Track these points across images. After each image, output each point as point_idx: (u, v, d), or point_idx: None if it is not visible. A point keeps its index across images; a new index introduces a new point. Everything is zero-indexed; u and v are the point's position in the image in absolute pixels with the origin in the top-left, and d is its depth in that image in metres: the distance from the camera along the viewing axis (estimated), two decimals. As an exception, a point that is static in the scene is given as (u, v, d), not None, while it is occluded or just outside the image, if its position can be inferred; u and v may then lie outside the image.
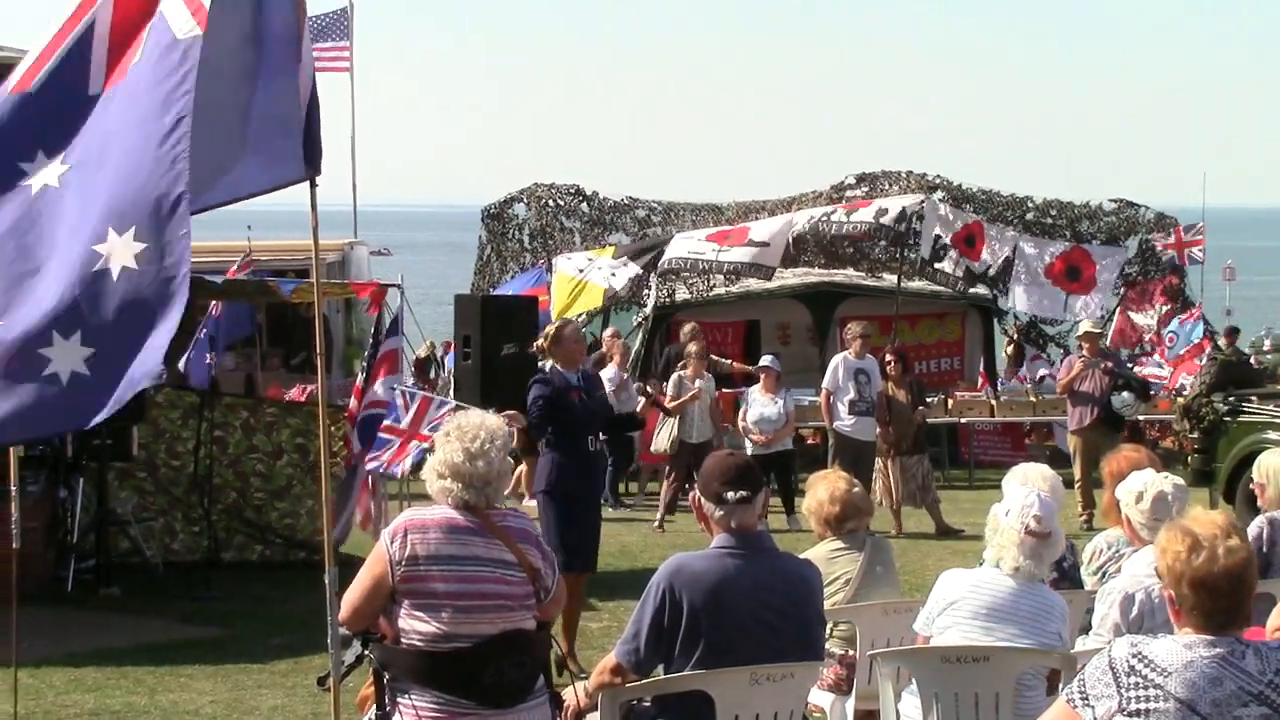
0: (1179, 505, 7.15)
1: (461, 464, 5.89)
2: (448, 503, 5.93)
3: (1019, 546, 6.67)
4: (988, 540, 6.85)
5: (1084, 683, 4.55)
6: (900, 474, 16.97)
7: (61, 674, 10.61)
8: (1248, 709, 4.46)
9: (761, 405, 16.71)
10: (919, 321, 24.03)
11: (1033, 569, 6.69)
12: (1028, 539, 6.68)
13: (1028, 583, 6.70)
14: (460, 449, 5.90)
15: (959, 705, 6.49)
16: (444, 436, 6.00)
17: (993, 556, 6.76)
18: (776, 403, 16.74)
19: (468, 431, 5.95)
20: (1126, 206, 25.85)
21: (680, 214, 26.46)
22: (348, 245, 24.89)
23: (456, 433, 5.97)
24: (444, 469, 5.93)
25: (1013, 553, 6.67)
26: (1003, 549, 6.71)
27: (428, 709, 5.79)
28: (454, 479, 5.90)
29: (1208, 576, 4.52)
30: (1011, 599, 6.66)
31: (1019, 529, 6.69)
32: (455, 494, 5.90)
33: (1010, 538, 6.69)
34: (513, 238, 26.83)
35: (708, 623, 5.89)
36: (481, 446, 5.91)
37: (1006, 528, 6.72)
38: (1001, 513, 6.80)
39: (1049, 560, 6.85)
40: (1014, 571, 6.67)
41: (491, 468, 5.91)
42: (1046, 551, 6.75)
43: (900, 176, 25.31)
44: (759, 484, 6.17)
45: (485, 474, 5.90)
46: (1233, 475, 16.21)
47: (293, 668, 10.79)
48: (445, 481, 5.92)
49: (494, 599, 5.84)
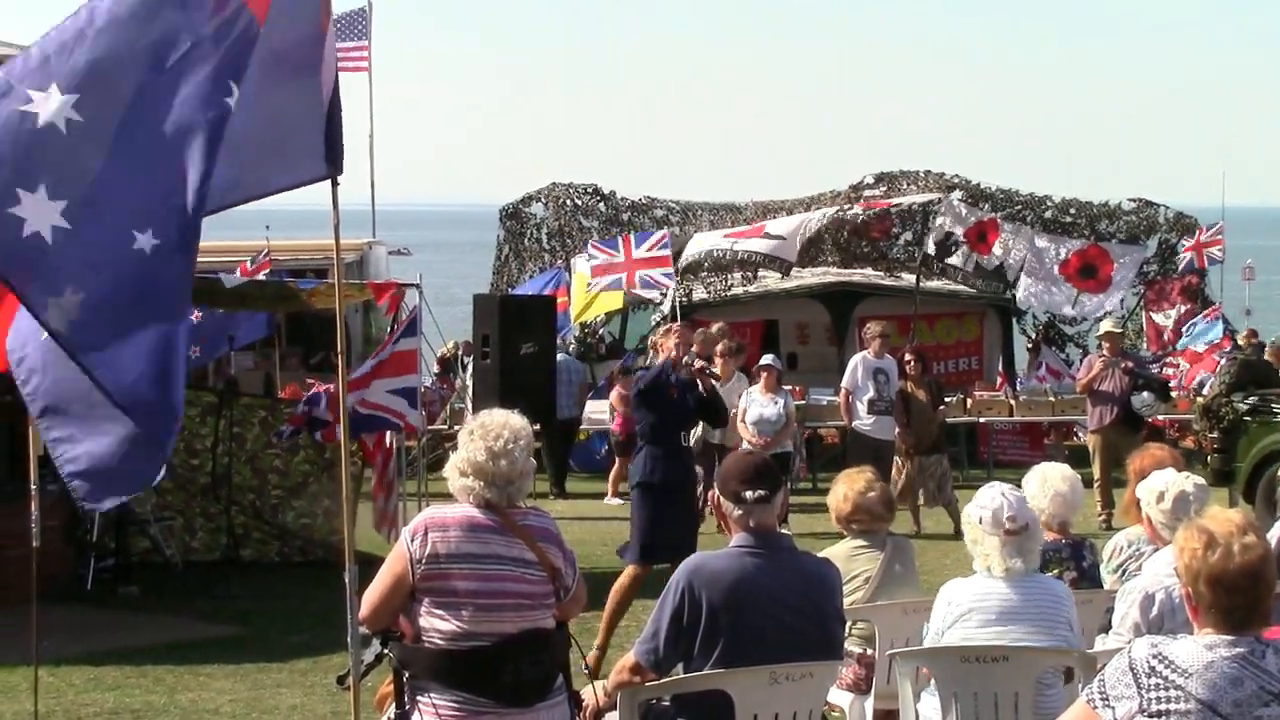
0: (1200, 505, 7.13)
1: (485, 462, 5.89)
2: (469, 501, 5.93)
3: (1001, 549, 6.71)
4: (971, 549, 6.87)
5: (1104, 683, 4.53)
6: (918, 473, 16.96)
7: (81, 672, 10.64)
8: (1269, 709, 4.44)
9: (761, 406, 16.30)
10: (937, 321, 24.01)
11: (1023, 565, 6.73)
12: (1008, 539, 6.71)
13: (1025, 578, 6.73)
14: (484, 447, 5.90)
15: (978, 705, 6.48)
16: (467, 435, 6.00)
17: (980, 564, 6.80)
18: (776, 403, 16.33)
19: (491, 430, 5.95)
20: (1146, 206, 25.80)
21: (698, 214, 26.46)
22: (366, 245, 24.94)
23: (480, 431, 5.96)
24: (466, 467, 5.93)
25: (998, 557, 6.71)
26: (988, 556, 6.76)
27: (447, 708, 5.79)
28: (476, 477, 5.90)
29: (1224, 574, 4.51)
30: (1017, 598, 6.68)
31: (997, 533, 6.72)
32: (477, 492, 5.90)
33: (991, 544, 6.74)
34: (531, 237, 26.85)
35: (727, 621, 5.88)
36: (505, 445, 5.91)
37: (984, 535, 6.76)
38: (975, 520, 6.81)
39: (1036, 551, 6.86)
40: (1005, 574, 6.71)
41: (515, 467, 5.91)
42: (1029, 544, 6.78)
43: (919, 176, 25.31)
44: (777, 483, 6.17)
45: (508, 473, 5.90)
46: (1253, 475, 16.17)
47: (312, 666, 10.81)
48: (468, 480, 5.92)
49: (514, 598, 5.84)
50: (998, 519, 6.74)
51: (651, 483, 11.14)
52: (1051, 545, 7.69)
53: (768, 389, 16.34)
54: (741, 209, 26.20)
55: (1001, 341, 24.73)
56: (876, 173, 25.75)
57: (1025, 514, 6.81)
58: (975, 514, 6.82)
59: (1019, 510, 6.78)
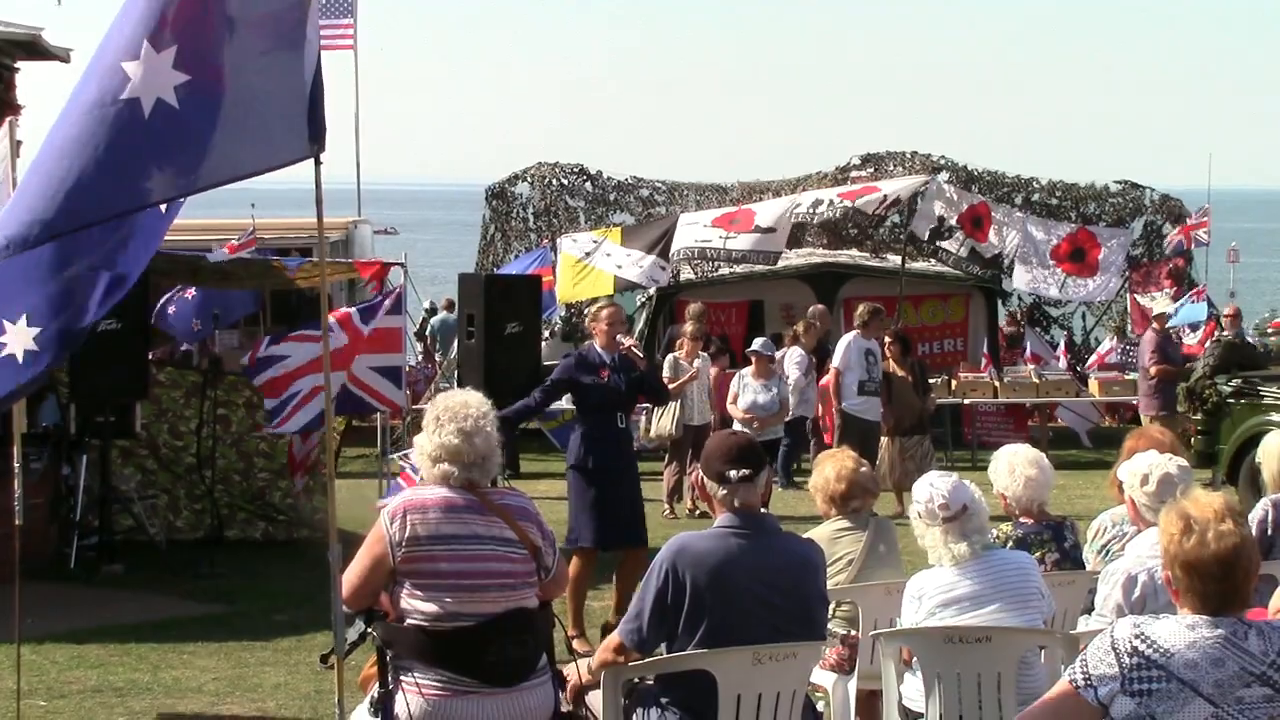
0: (1184, 487, 7.13)
1: (460, 444, 5.91)
2: (445, 484, 5.95)
3: (944, 538, 6.77)
4: (922, 545, 6.93)
5: (1086, 663, 4.54)
6: (899, 454, 16.97)
7: (64, 650, 10.63)
8: (1250, 689, 4.45)
9: (754, 391, 16.28)
10: (923, 303, 24.00)
11: (968, 549, 6.76)
12: (949, 526, 6.77)
13: (984, 558, 6.77)
14: (455, 429, 5.93)
15: (961, 685, 6.50)
16: (434, 420, 6.01)
17: (934, 558, 6.85)
18: (770, 389, 16.34)
19: (458, 411, 5.98)
20: (1131, 188, 25.87)
21: (684, 194, 26.39)
22: (351, 224, 24.87)
23: (447, 415, 5.98)
24: (440, 452, 5.95)
25: (943, 547, 6.78)
26: (935, 548, 6.82)
27: (431, 687, 5.80)
28: (451, 461, 5.92)
29: (1197, 561, 4.52)
30: (982, 582, 6.72)
31: (935, 523, 6.78)
32: (456, 476, 5.93)
33: (934, 535, 6.81)
34: (517, 217, 26.77)
35: (711, 602, 5.88)
36: (476, 424, 5.95)
37: (925, 528, 6.83)
38: (915, 516, 6.89)
39: (982, 529, 6.87)
40: (954, 560, 6.74)
41: (489, 443, 5.95)
42: (971, 525, 6.80)
43: (905, 157, 25.31)
44: (761, 462, 6.16)
45: (483, 450, 5.93)
46: (1236, 457, 16.22)
47: (296, 645, 10.81)
48: (444, 465, 5.94)
49: (498, 577, 5.85)
50: (931, 510, 6.80)
51: (586, 466, 11.14)
52: (1032, 529, 7.68)
53: (760, 374, 16.32)
54: (728, 190, 26.15)
55: (987, 324, 24.75)
56: (863, 154, 25.75)
57: (958, 497, 6.83)
58: (913, 511, 6.92)
59: (951, 496, 6.82)
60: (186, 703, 9.59)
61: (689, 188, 26.77)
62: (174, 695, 9.75)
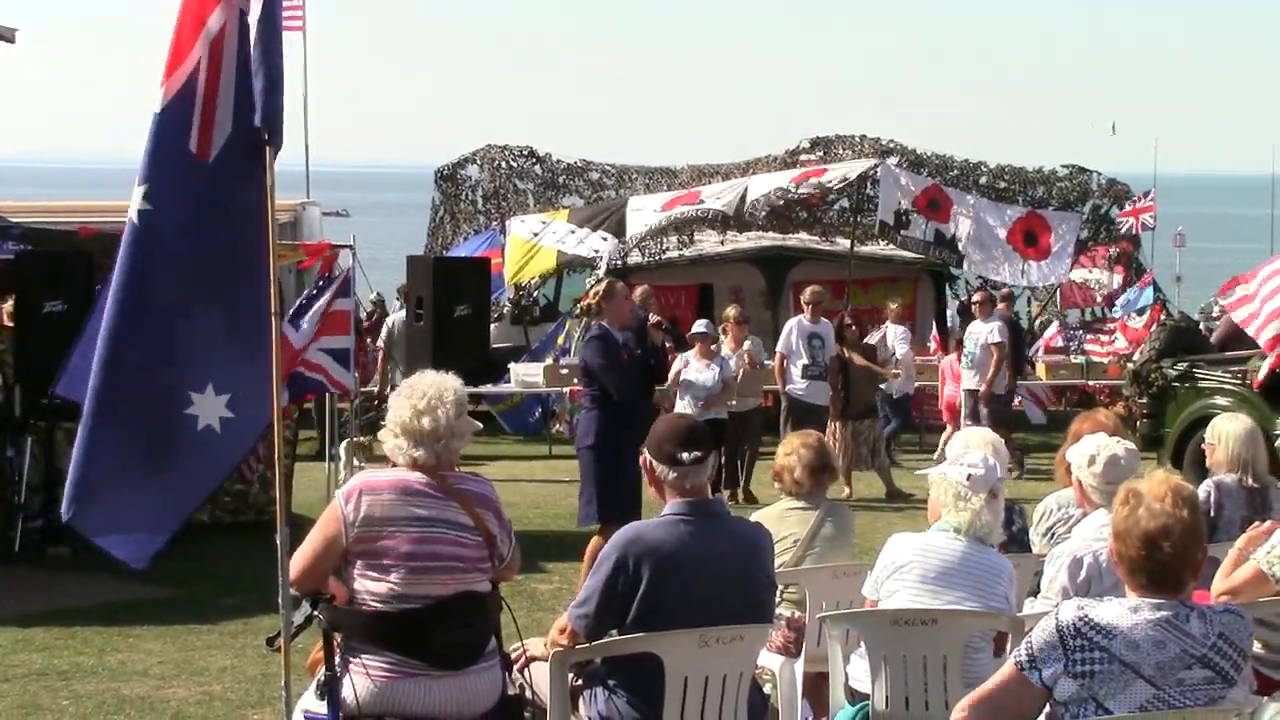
0: (1130, 469, 7.16)
1: (409, 421, 5.96)
2: (401, 462, 5.99)
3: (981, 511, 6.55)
4: (945, 506, 6.68)
5: (1031, 646, 4.58)
6: (851, 438, 17.03)
7: (8, 633, 10.58)
8: (1191, 671, 4.50)
9: (695, 372, 16.22)
10: (872, 286, 24.08)
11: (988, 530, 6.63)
12: (990, 502, 6.60)
13: (977, 547, 6.63)
14: (409, 406, 5.98)
15: (908, 668, 6.52)
16: (396, 396, 6.10)
17: (950, 521, 6.62)
18: (712, 369, 16.24)
19: (418, 389, 6.04)
20: (1079, 172, 26.03)
21: (633, 177, 26.39)
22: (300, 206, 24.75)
23: (407, 391, 6.07)
24: (395, 427, 6.02)
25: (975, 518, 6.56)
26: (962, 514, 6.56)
27: (378, 669, 5.80)
28: (404, 436, 5.98)
29: (1125, 533, 4.61)
30: (960, 562, 6.61)
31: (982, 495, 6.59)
32: (406, 451, 5.97)
33: (975, 502, 6.57)
34: (466, 199, 26.72)
35: (663, 590, 5.88)
36: (429, 404, 5.96)
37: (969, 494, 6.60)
38: (962, 477, 6.64)
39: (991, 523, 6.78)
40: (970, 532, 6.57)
41: (438, 424, 5.95)
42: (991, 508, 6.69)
43: (855, 141, 25.37)
44: (710, 445, 6.17)
45: (433, 430, 5.94)
46: (1181, 440, 16.35)
47: (243, 628, 10.78)
48: (398, 440, 6.00)
49: (447, 560, 5.86)
50: (989, 482, 6.64)
51: (603, 446, 11.24)
52: (980, 510, 7.67)
53: (702, 355, 16.25)
54: (677, 173, 26.16)
55: (935, 307, 24.84)
56: (812, 138, 25.79)
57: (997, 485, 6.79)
58: (963, 472, 6.66)
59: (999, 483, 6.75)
60: (132, 686, 9.55)
61: (638, 171, 26.78)
62: (120, 678, 9.70)
